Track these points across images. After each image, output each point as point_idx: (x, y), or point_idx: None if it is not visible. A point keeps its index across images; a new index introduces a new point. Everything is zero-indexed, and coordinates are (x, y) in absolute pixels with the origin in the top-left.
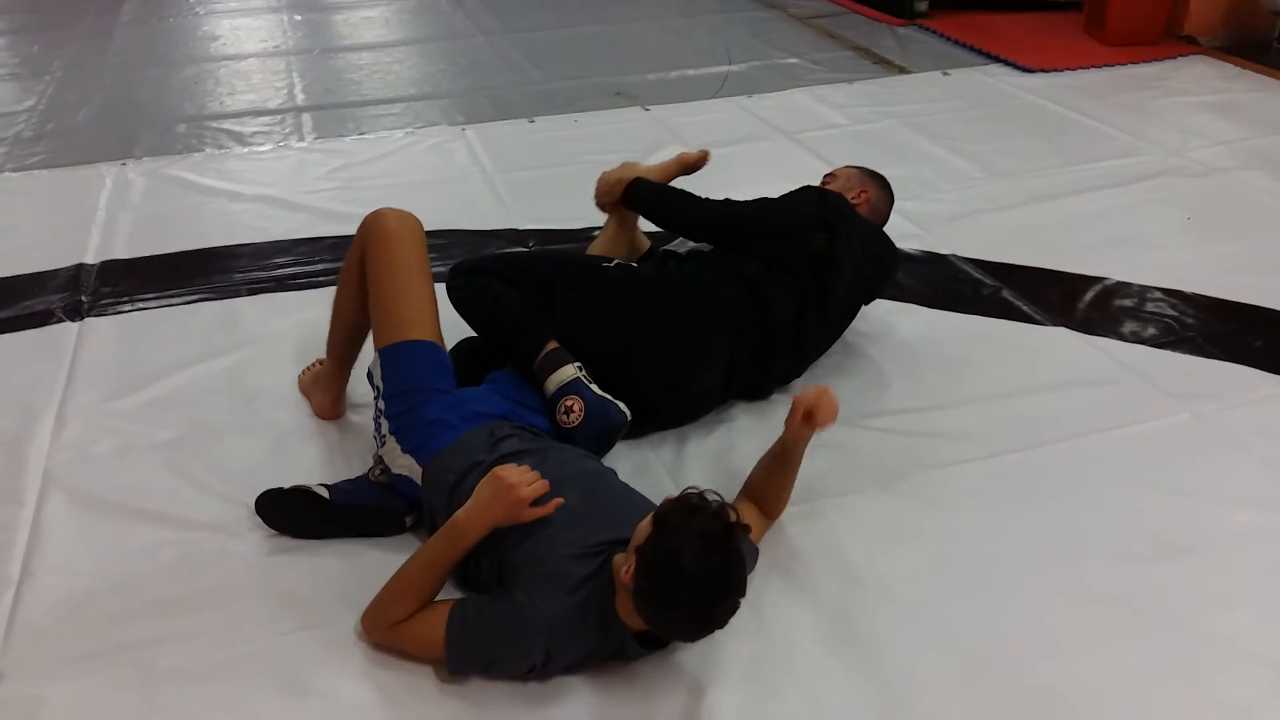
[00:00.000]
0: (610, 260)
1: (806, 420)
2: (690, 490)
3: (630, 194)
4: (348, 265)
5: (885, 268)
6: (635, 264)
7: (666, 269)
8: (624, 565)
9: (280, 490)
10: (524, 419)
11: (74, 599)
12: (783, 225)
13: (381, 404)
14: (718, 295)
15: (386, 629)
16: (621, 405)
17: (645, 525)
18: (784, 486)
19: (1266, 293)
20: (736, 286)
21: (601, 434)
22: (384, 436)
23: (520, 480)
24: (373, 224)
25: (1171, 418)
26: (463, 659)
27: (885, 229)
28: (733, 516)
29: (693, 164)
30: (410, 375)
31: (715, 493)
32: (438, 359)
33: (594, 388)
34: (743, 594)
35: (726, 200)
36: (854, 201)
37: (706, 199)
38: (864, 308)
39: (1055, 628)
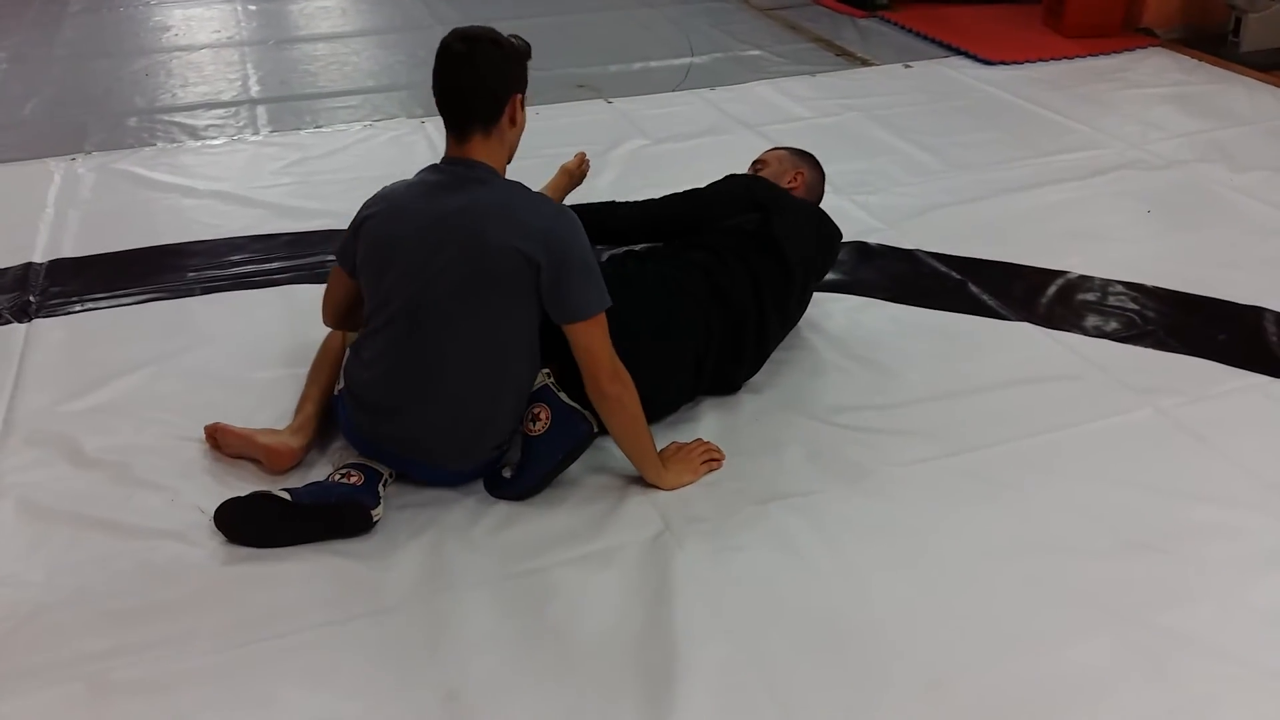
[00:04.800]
0: None
1: None
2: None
3: None
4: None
5: (829, 244)
6: None
7: (626, 270)
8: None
9: (238, 499)
10: None
11: (23, 611)
12: (713, 208)
13: None
14: (680, 290)
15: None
16: (588, 414)
17: None
18: None
19: (1227, 285)
20: (694, 278)
21: (567, 444)
22: None
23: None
24: None
25: (1134, 413)
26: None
27: (827, 212)
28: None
29: (576, 170)
30: None
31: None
32: None
33: (563, 396)
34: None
35: (649, 199)
36: (790, 185)
37: (628, 202)
38: (828, 304)
39: (1020, 625)
